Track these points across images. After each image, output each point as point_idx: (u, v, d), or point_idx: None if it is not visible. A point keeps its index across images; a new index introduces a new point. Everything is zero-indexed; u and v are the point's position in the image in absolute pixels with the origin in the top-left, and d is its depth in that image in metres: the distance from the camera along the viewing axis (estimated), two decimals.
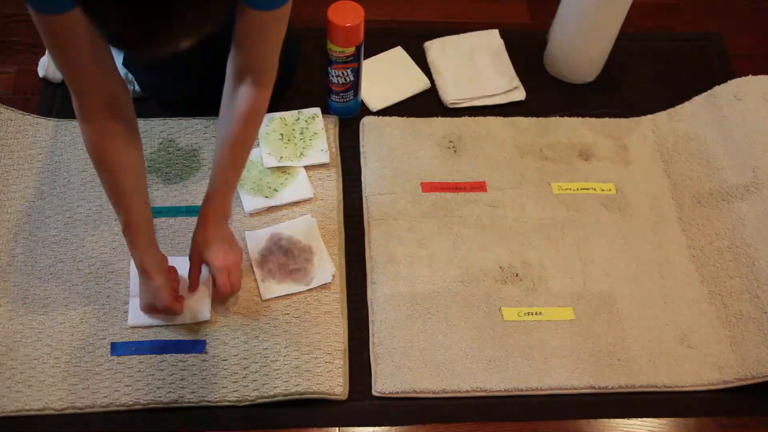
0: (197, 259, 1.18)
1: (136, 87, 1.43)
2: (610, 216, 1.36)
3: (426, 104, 1.50)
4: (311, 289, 1.24)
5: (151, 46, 0.72)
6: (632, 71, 1.59)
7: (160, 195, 1.33)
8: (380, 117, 1.46)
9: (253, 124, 1.14)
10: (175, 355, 1.17)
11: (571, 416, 1.17)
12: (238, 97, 1.10)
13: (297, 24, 1.47)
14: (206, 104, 1.34)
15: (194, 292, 1.20)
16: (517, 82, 1.53)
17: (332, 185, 1.36)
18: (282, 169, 1.37)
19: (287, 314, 1.22)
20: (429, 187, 1.37)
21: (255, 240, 1.28)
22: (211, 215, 1.16)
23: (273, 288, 1.24)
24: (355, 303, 1.25)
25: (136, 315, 1.19)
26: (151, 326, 1.19)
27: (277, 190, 1.34)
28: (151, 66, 1.37)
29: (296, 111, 1.43)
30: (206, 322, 1.20)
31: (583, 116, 1.49)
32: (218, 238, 1.16)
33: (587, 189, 1.39)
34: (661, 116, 1.49)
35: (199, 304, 1.20)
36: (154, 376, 1.15)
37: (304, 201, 1.34)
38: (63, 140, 1.38)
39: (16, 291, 1.22)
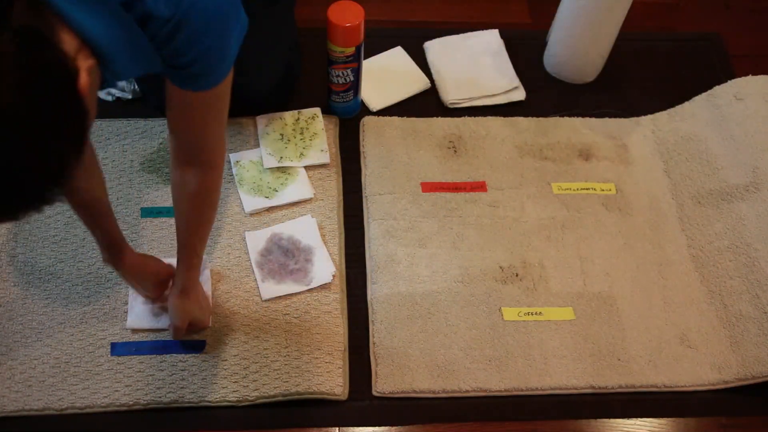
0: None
1: (137, 86, 1.43)
2: (610, 216, 1.36)
3: (426, 104, 1.50)
4: (311, 289, 1.24)
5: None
6: (632, 71, 1.58)
7: (160, 195, 1.33)
8: (380, 117, 1.46)
9: (210, 207, 1.07)
10: (175, 355, 1.17)
11: (571, 416, 1.17)
12: (186, 182, 1.02)
13: (297, 24, 1.47)
14: None
15: None
16: (517, 82, 1.53)
17: (332, 185, 1.36)
18: (282, 170, 1.37)
19: (287, 314, 1.22)
20: (429, 187, 1.37)
21: (255, 240, 1.28)
22: (183, 290, 1.12)
23: (273, 288, 1.24)
24: (355, 303, 1.25)
25: (134, 318, 1.19)
26: (151, 329, 1.19)
27: (277, 190, 1.34)
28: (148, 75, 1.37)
29: (296, 111, 1.43)
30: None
31: (583, 116, 1.49)
32: (183, 303, 1.13)
33: (587, 189, 1.39)
34: (661, 116, 1.49)
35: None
36: (154, 376, 1.15)
37: (304, 201, 1.34)
38: None
39: (16, 291, 1.22)
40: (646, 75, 1.58)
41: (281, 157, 1.37)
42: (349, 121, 1.46)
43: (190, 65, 0.87)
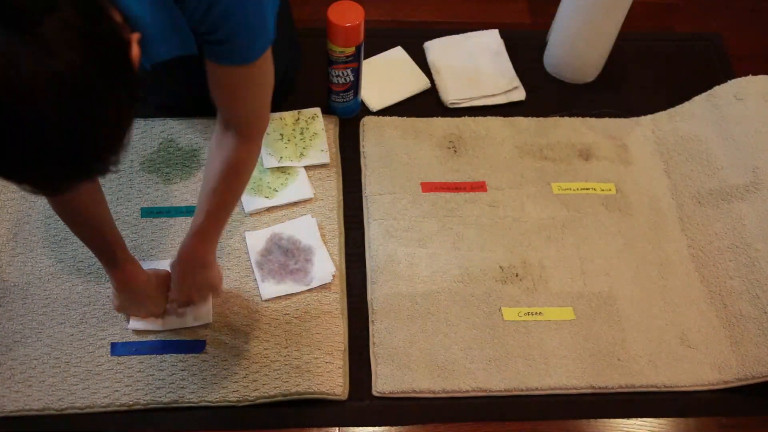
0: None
1: None
2: (610, 216, 1.36)
3: (426, 104, 1.50)
4: (311, 289, 1.24)
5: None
6: (632, 71, 1.58)
7: (160, 195, 1.33)
8: (380, 117, 1.46)
9: (237, 178, 1.08)
10: (175, 355, 1.17)
11: (571, 416, 1.17)
12: (223, 145, 1.05)
13: (297, 24, 1.47)
14: (206, 107, 1.34)
15: None
16: (517, 82, 1.53)
17: (332, 185, 1.36)
18: (282, 170, 1.37)
19: (287, 314, 1.22)
20: (429, 187, 1.37)
21: (255, 240, 1.28)
22: (184, 256, 1.11)
23: (273, 288, 1.24)
24: (355, 303, 1.25)
25: (137, 319, 1.19)
26: (153, 331, 1.19)
27: (277, 190, 1.34)
28: (150, 69, 1.37)
29: (296, 111, 1.43)
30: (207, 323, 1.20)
31: (583, 116, 1.49)
32: (185, 275, 1.13)
33: (587, 189, 1.39)
34: (661, 116, 1.49)
35: (202, 307, 1.20)
36: (154, 376, 1.15)
37: (304, 201, 1.34)
38: None
39: (16, 291, 1.22)
40: (646, 75, 1.58)
41: (281, 157, 1.37)
42: (349, 121, 1.46)
43: (227, 40, 0.89)
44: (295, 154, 1.38)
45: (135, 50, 0.69)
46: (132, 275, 1.13)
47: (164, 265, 1.20)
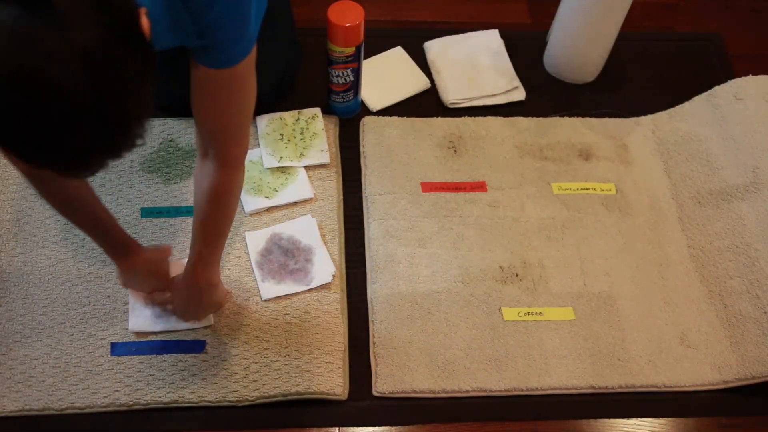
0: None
1: None
2: (610, 216, 1.36)
3: (426, 104, 1.50)
4: (311, 289, 1.24)
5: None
6: (632, 71, 1.58)
7: (160, 195, 1.33)
8: (380, 117, 1.46)
9: (224, 206, 1.06)
10: (175, 355, 1.17)
11: (571, 416, 1.17)
12: (204, 174, 1.03)
13: (297, 24, 1.47)
14: None
15: None
16: (517, 82, 1.53)
17: (332, 185, 1.36)
18: (282, 170, 1.37)
19: (287, 314, 1.22)
20: (429, 187, 1.37)
21: (255, 240, 1.28)
22: (189, 284, 1.12)
23: (273, 288, 1.24)
24: (355, 303, 1.25)
25: (136, 320, 1.19)
26: (153, 332, 1.18)
27: (277, 190, 1.34)
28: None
29: (296, 111, 1.43)
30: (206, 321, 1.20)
31: (583, 116, 1.49)
32: (192, 297, 1.14)
33: (587, 189, 1.39)
34: (661, 116, 1.49)
35: None
36: (154, 376, 1.15)
37: (304, 201, 1.34)
38: None
39: (16, 291, 1.22)
40: (646, 75, 1.58)
41: (281, 157, 1.37)
42: (349, 121, 1.46)
43: (213, 38, 0.88)
44: (295, 154, 1.38)
45: (144, 22, 0.70)
46: (133, 255, 1.14)
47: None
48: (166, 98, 1.42)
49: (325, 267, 1.26)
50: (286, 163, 1.36)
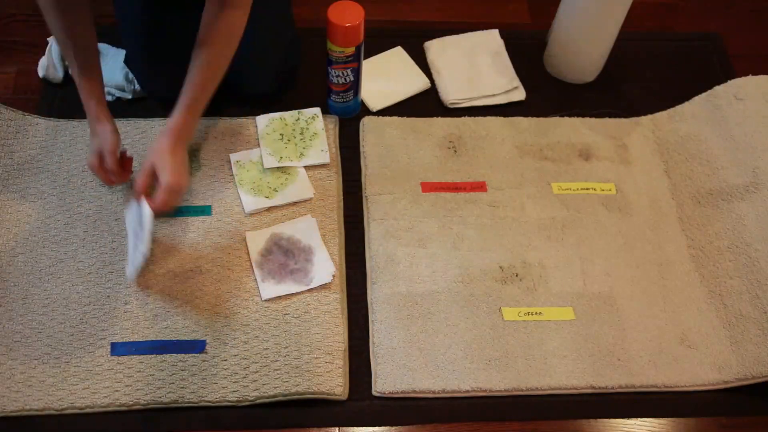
0: (149, 168, 1.16)
1: (136, 86, 1.43)
2: (610, 216, 1.36)
3: (426, 104, 1.50)
4: (311, 289, 1.24)
5: None
6: (632, 71, 1.59)
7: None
8: (380, 117, 1.46)
9: (226, 45, 1.12)
10: (175, 355, 1.17)
11: (571, 416, 1.17)
12: (210, 17, 1.09)
13: (297, 24, 1.47)
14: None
15: None
16: (517, 82, 1.53)
17: (332, 185, 1.36)
18: (282, 170, 1.37)
19: (287, 314, 1.22)
20: (429, 187, 1.37)
21: (255, 240, 1.28)
22: (175, 130, 1.15)
23: (273, 288, 1.24)
24: (355, 303, 1.25)
25: (133, 270, 1.20)
26: (151, 332, 1.19)
27: (277, 190, 1.34)
28: (152, 65, 1.37)
29: (296, 111, 1.43)
30: (206, 321, 1.20)
31: (583, 116, 1.49)
32: (177, 155, 1.15)
33: (587, 189, 1.39)
34: (661, 116, 1.49)
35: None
36: (154, 376, 1.15)
37: (304, 201, 1.34)
38: (63, 140, 1.38)
39: (16, 291, 1.22)
40: (646, 75, 1.58)
41: (281, 157, 1.37)
42: (349, 121, 1.46)
43: None
44: (295, 154, 1.38)
45: None
46: (102, 113, 1.19)
47: None
48: (165, 90, 1.42)
49: (325, 267, 1.26)
50: (286, 163, 1.36)
